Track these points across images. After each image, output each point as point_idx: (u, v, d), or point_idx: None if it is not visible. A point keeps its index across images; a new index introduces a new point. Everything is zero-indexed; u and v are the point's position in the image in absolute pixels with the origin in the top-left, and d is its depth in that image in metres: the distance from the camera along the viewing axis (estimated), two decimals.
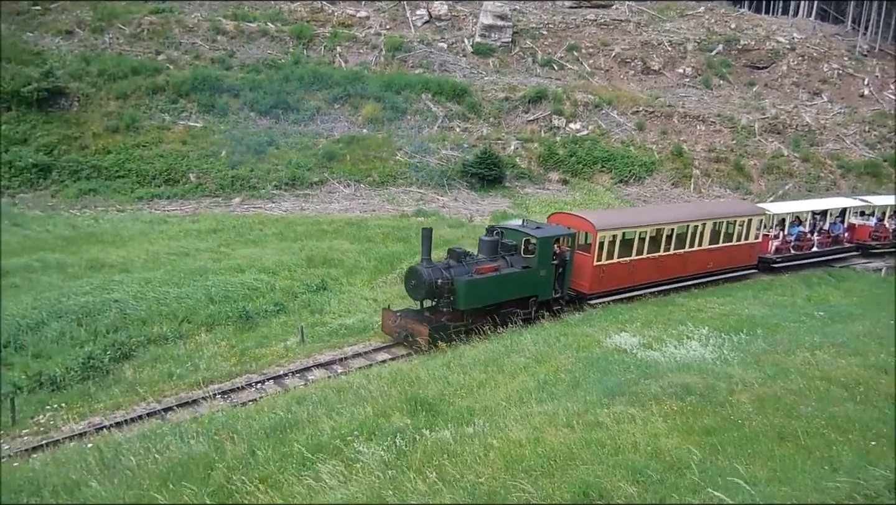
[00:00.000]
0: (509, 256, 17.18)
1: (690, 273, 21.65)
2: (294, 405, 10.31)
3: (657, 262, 20.45)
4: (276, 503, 7.07)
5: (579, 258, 18.73)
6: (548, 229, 18.09)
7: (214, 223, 28.96)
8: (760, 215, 23.62)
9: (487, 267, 16.54)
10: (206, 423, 9.94)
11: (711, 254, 22.03)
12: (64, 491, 7.98)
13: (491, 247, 17.20)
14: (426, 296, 15.88)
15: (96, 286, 19.05)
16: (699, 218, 21.66)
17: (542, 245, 17.18)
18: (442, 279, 15.63)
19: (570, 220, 19.57)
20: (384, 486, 7.07)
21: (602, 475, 6.95)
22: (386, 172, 38.70)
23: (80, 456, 9.04)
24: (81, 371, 14.27)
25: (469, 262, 16.54)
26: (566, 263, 18.16)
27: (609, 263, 19.11)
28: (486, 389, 10.92)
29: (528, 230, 17.71)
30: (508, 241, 17.44)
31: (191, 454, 8.67)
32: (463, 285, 15.76)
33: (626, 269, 19.64)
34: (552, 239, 17.62)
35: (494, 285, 16.50)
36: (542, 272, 17.42)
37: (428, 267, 15.83)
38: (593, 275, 18.77)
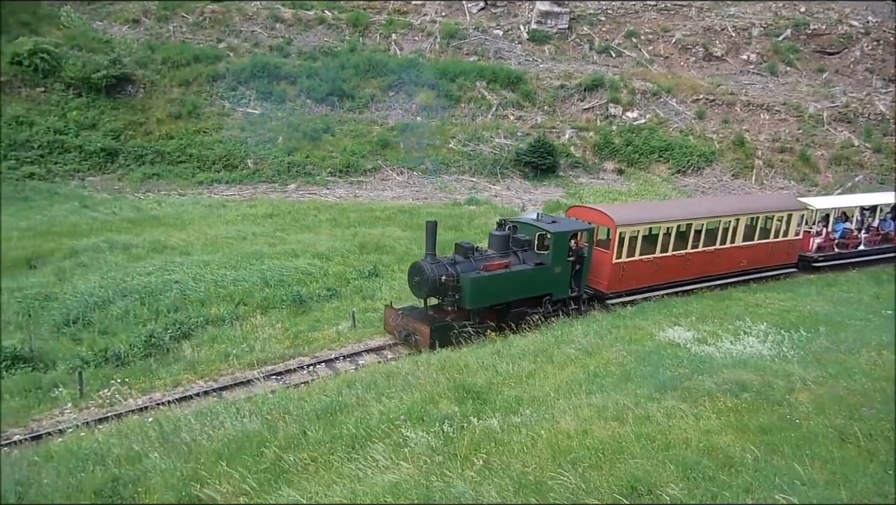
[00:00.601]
0: (522, 251, 16.19)
1: (722, 272, 20.33)
2: (344, 389, 10.48)
3: (685, 259, 19.20)
4: (277, 503, 7.07)
5: (598, 255, 17.71)
6: (564, 224, 16.99)
7: (270, 208, 29.59)
8: (801, 210, 22.11)
9: (496, 263, 15.55)
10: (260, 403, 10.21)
11: (745, 251, 20.64)
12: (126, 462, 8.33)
13: (501, 242, 16.17)
14: (429, 294, 15.00)
15: (158, 267, 19.74)
16: (732, 212, 20.35)
17: (556, 240, 16.15)
18: (446, 276, 14.73)
19: (589, 214, 18.46)
20: (431, 471, 7.13)
21: (651, 470, 6.84)
22: (439, 160, 38.77)
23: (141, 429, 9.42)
24: (144, 348, 14.85)
25: (477, 257, 15.55)
26: (584, 259, 17.11)
27: (630, 260, 17.98)
28: (535, 379, 10.87)
29: (543, 224, 16.58)
30: (521, 236, 16.46)
31: (245, 432, 8.92)
32: (469, 283, 14.84)
33: (650, 267, 18.47)
34: (568, 234, 16.57)
35: (504, 283, 15.52)
36: (557, 269, 16.38)
37: (432, 263, 14.91)
38: (612, 273, 17.70)
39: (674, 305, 17.14)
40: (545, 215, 17.52)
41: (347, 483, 7.11)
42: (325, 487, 7.16)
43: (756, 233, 21.07)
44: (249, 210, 29.28)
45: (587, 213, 18.60)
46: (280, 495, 6.94)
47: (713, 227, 19.95)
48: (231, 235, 24.42)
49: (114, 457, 8.42)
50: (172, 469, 7.91)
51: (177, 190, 32.86)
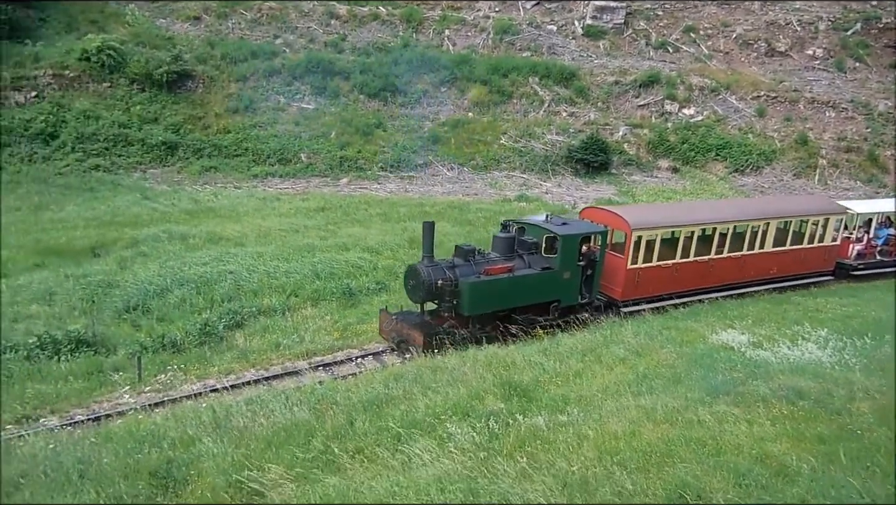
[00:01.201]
0: (528, 255, 15.27)
1: (749, 279, 19.10)
2: (391, 381, 10.57)
3: (707, 266, 18.05)
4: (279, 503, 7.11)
5: (612, 260, 16.72)
6: (575, 226, 15.90)
7: (323, 202, 30.07)
8: (839, 214, 20.69)
9: (499, 267, 14.63)
10: (309, 393, 10.38)
11: (775, 257, 19.37)
12: (180, 444, 8.60)
13: (506, 244, 15.24)
14: (425, 298, 14.24)
15: (214, 258, 20.29)
16: (762, 216, 18.97)
17: (565, 243, 15.07)
18: (443, 280, 13.90)
19: (604, 216, 17.47)
20: (475, 466, 7.13)
21: (700, 475, 6.68)
22: (490, 156, 38.67)
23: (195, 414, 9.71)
24: (199, 336, 15.30)
25: (478, 261, 14.69)
26: (596, 264, 16.08)
27: (647, 266, 16.87)
28: (583, 378, 10.75)
29: (551, 226, 15.48)
30: (528, 239, 15.54)
31: (293, 421, 9.10)
32: (468, 288, 13.93)
33: (669, 273, 17.36)
34: (578, 237, 15.45)
35: (506, 289, 14.54)
36: (566, 274, 15.33)
37: (429, 266, 14.11)
38: (627, 279, 16.69)
39: (728, 308, 16.68)
40: (555, 216, 16.41)
41: (392, 475, 7.17)
42: (370, 477, 7.24)
43: (788, 238, 19.74)
44: (302, 203, 29.80)
45: (602, 214, 17.67)
46: (326, 484, 7.05)
47: (740, 232, 18.77)
48: (284, 228, 24.92)
49: (169, 440, 8.71)
50: (224, 454, 8.13)
51: (233, 183, 33.72)
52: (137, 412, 11.06)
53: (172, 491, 7.36)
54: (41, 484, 7.31)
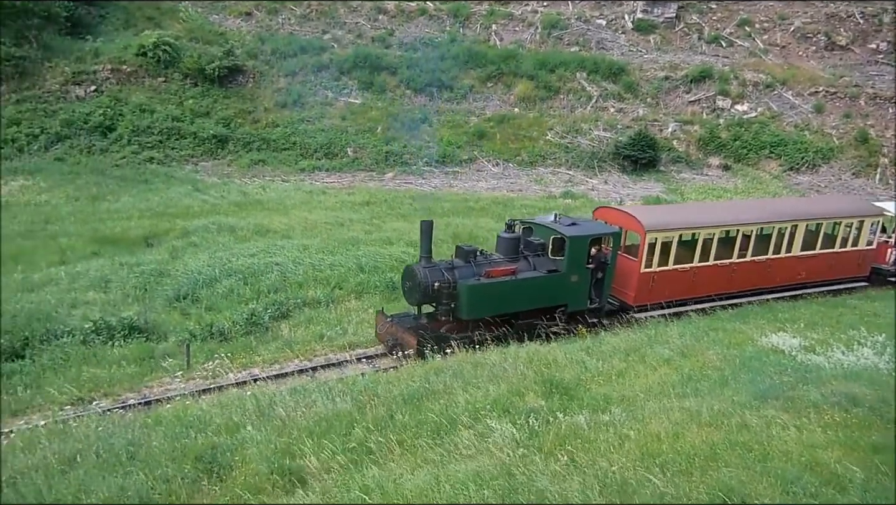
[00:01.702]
0: (534, 256, 14.56)
1: (775, 285, 18.03)
2: (432, 376, 10.60)
3: (729, 270, 17.07)
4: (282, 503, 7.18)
5: (624, 263, 15.94)
6: (584, 227, 15.01)
7: (368, 196, 30.34)
8: (875, 216, 19.38)
9: (501, 270, 13.92)
10: (351, 384, 10.50)
11: (804, 262, 18.26)
12: (226, 431, 8.81)
13: (510, 245, 14.51)
14: (422, 301, 13.65)
15: (261, 249, 20.68)
16: (790, 217, 17.82)
17: (573, 245, 14.27)
18: (440, 282, 13.27)
19: (616, 216, 16.67)
20: (514, 463, 7.10)
21: (746, 480, 6.51)
22: (535, 152, 38.39)
23: (240, 401, 9.93)
24: (245, 326, 15.60)
25: (479, 262, 14.05)
26: (606, 267, 15.22)
27: (662, 270, 16.04)
28: (625, 378, 10.59)
29: (559, 227, 14.65)
30: (534, 240, 14.79)
31: (335, 411, 9.21)
32: (466, 291, 13.32)
33: (686, 277, 16.45)
34: (587, 239, 14.61)
35: (507, 292, 13.81)
36: (574, 277, 14.52)
37: (426, 267, 13.50)
38: (640, 283, 15.88)
39: (779, 310, 16.18)
40: (564, 216, 15.55)
41: (431, 468, 7.19)
42: (409, 469, 7.28)
43: (819, 241, 18.50)
44: (348, 197, 30.14)
45: (614, 215, 16.83)
46: (365, 475, 7.12)
47: (767, 234, 17.75)
48: (329, 221, 25.23)
49: (214, 426, 8.92)
50: (267, 441, 8.28)
51: (280, 176, 34.31)
52: (185, 398, 11.36)
53: (217, 475, 7.54)
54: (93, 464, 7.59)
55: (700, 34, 46.60)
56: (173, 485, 7.23)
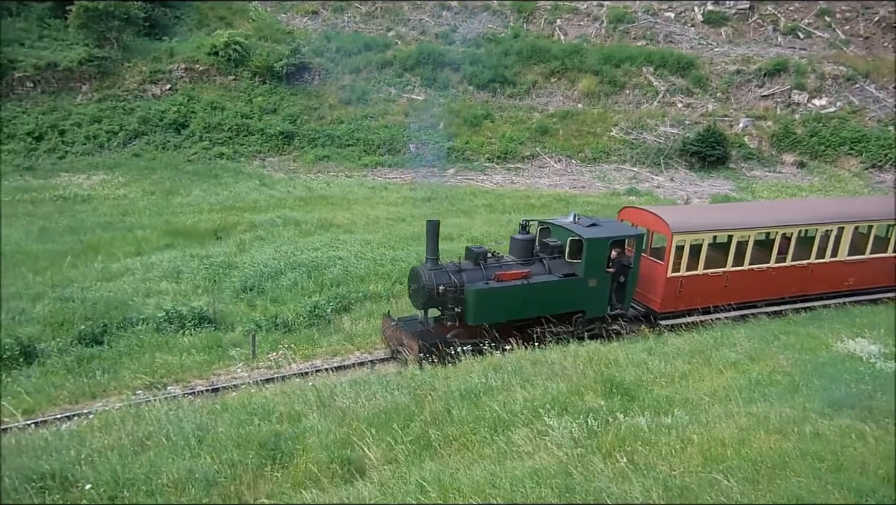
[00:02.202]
0: (550, 259, 13.81)
1: (819, 292, 16.81)
2: (490, 372, 10.58)
3: (766, 276, 15.92)
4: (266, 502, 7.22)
5: (650, 266, 15.10)
6: (605, 228, 14.14)
7: (429, 192, 30.52)
8: None
9: (512, 273, 13.17)
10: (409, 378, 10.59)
11: (852, 267, 16.91)
12: (288, 419, 9.04)
13: (523, 247, 13.78)
14: (426, 304, 12.99)
15: (325, 243, 21.10)
16: (836, 219, 16.46)
17: (591, 248, 13.48)
18: (445, 285, 12.64)
19: (642, 216, 15.75)
20: (572, 462, 7.01)
21: (816, 491, 6.23)
22: (599, 149, 37.76)
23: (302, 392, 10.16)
24: (308, 318, 15.96)
25: (490, 265, 13.36)
26: (628, 270, 14.29)
27: (691, 274, 15.07)
28: (689, 380, 10.30)
29: (577, 228, 13.82)
30: (550, 241, 14.05)
31: (394, 404, 9.32)
32: (473, 295, 12.69)
33: (718, 283, 15.44)
34: (607, 241, 13.75)
35: (519, 297, 13.08)
36: (592, 282, 13.72)
37: (432, 269, 12.88)
38: (667, 289, 14.95)
39: (856, 314, 15.40)
40: (584, 217, 14.72)
41: (487, 464, 7.19)
42: (466, 465, 7.29)
43: (869, 245, 17.12)
44: (409, 193, 30.40)
45: (640, 215, 15.93)
46: (423, 468, 7.17)
47: (809, 236, 16.59)
48: (391, 217, 25.52)
49: (277, 414, 9.17)
50: (327, 431, 8.45)
51: (344, 172, 34.91)
52: (250, 386, 11.72)
53: (279, 463, 7.74)
54: (164, 446, 7.92)
55: (775, 25, 44.76)
56: (238, 470, 7.47)
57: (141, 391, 12.46)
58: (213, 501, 6.96)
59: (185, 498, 6.87)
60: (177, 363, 13.51)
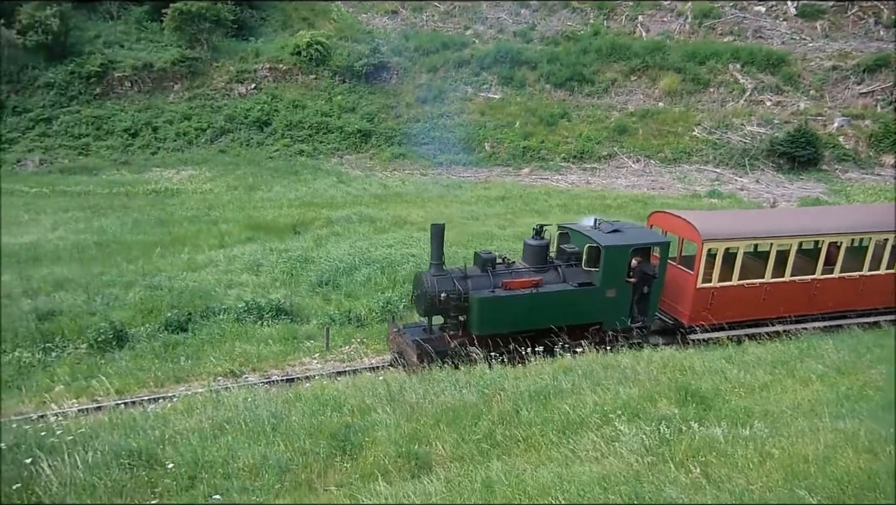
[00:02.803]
0: (566, 266, 13.02)
1: (870, 307, 15.42)
2: (560, 374, 10.44)
3: (810, 288, 14.73)
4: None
5: (677, 275, 14.14)
6: (626, 235, 13.23)
7: (503, 191, 30.44)
8: None
9: (521, 281, 12.49)
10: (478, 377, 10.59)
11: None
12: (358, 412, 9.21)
13: (537, 253, 13.01)
14: (428, 312, 12.51)
15: (398, 240, 21.39)
16: (891, 227, 15.04)
17: (610, 256, 12.66)
18: (448, 292, 12.07)
19: (672, 222, 14.73)
20: (642, 470, 6.83)
21: None
22: (680, 149, 36.61)
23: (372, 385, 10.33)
24: (380, 313, 16.23)
25: (499, 272, 12.69)
26: (652, 280, 13.37)
27: (724, 285, 14.01)
28: (770, 392, 9.83)
29: (596, 234, 13.01)
30: (567, 248, 13.29)
31: (462, 402, 9.34)
32: (477, 303, 12.08)
33: (756, 295, 14.30)
34: (627, 249, 12.90)
35: (527, 306, 12.34)
36: (611, 292, 12.91)
37: (435, 275, 12.34)
38: (697, 300, 13.94)
39: None
40: (605, 222, 13.77)
41: (555, 467, 7.10)
42: (533, 466, 7.22)
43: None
44: (483, 192, 30.41)
45: (670, 220, 14.92)
46: (489, 467, 7.15)
47: (860, 246, 15.37)
48: (465, 215, 25.60)
49: (348, 406, 9.35)
50: (396, 425, 8.56)
51: (419, 170, 35.28)
52: (323, 378, 12.01)
53: (349, 454, 7.90)
54: (241, 431, 8.22)
55: (877, 18, 42.09)
56: (309, 458, 7.67)
57: (221, 378, 13.00)
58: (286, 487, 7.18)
59: (259, 483, 7.12)
60: (254, 352, 14.02)
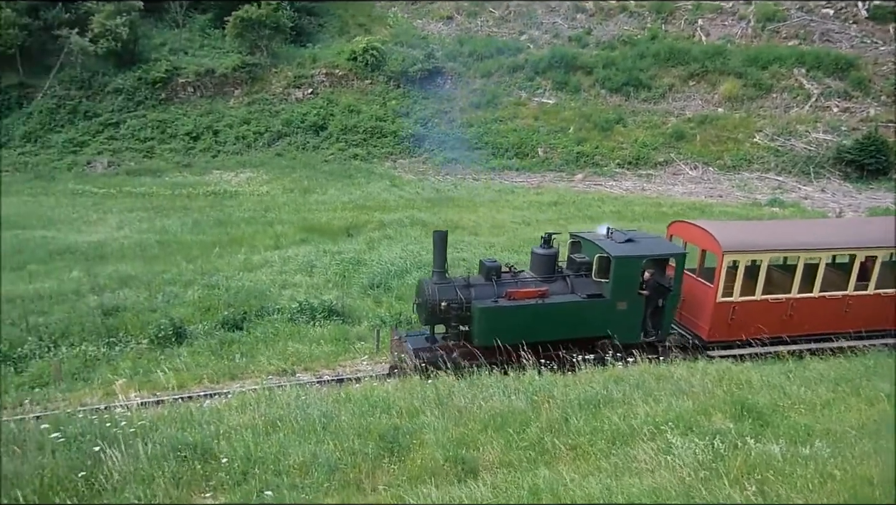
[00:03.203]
0: (576, 277, 12.57)
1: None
2: (611, 383, 10.28)
3: (842, 305, 13.70)
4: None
5: (699, 289, 13.47)
6: (640, 245, 12.65)
7: (556, 197, 30.19)
8: None
9: (525, 291, 12.08)
10: (527, 383, 10.52)
11: None
12: (407, 414, 9.27)
13: (544, 263, 12.54)
14: (429, 320, 12.21)
15: (449, 245, 21.36)
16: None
17: (620, 267, 12.12)
18: (448, 301, 11.77)
19: (692, 232, 14.06)
20: (694, 485, 6.66)
21: None
22: (740, 156, 35.62)
23: (421, 389, 10.37)
24: None
25: (503, 281, 12.29)
26: (666, 293, 12.72)
27: (746, 300, 13.18)
28: (833, 410, 9.43)
29: (606, 244, 12.49)
30: (577, 257, 12.86)
31: (511, 408, 9.29)
32: (478, 313, 11.74)
33: (780, 311, 13.40)
34: (639, 260, 12.37)
35: (532, 317, 11.93)
36: (621, 305, 12.37)
37: (438, 283, 12.06)
38: (717, 315, 13.22)
39: None
40: (619, 231, 13.15)
41: (604, 477, 6.98)
42: (581, 475, 7.13)
43: None
44: (536, 197, 30.24)
45: (690, 230, 14.17)
46: (536, 474, 7.10)
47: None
48: (516, 221, 25.51)
49: (397, 408, 9.42)
50: (444, 429, 8.57)
51: (471, 174, 35.32)
52: (372, 379, 12.13)
53: (396, 455, 7.96)
54: (292, 429, 8.38)
55: None
56: (358, 458, 7.75)
57: (273, 376, 13.28)
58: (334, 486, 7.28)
59: (308, 481, 7.23)
60: (306, 352, 14.27)
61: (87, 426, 7.76)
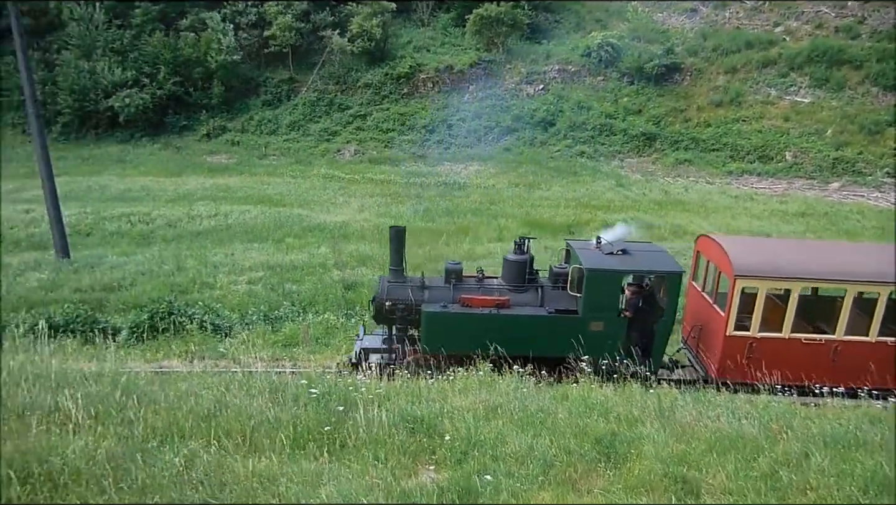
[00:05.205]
0: (553, 288, 11.46)
1: None
2: (865, 423, 9.04)
3: (891, 351, 10.75)
4: None
5: (711, 316, 11.63)
6: (628, 259, 11.28)
7: (804, 207, 27.22)
8: None
9: (481, 299, 11.19)
10: (761, 407, 9.68)
11: None
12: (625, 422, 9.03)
13: (514, 270, 11.54)
14: (376, 318, 11.73)
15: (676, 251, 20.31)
16: None
17: (592, 281, 10.85)
18: (394, 301, 11.25)
19: (712, 249, 11.97)
20: None
21: None
22: None
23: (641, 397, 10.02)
24: None
25: (464, 285, 11.53)
26: (656, 316, 11.20)
27: (769, 336, 10.96)
28: None
29: (587, 254, 11.32)
30: (556, 267, 11.84)
31: (739, 432, 8.62)
32: (424, 318, 11.08)
33: (820, 354, 10.90)
34: (616, 275, 11.08)
35: (486, 328, 10.88)
36: (596, 325, 10.99)
37: (392, 281, 11.55)
38: (726, 350, 11.09)
39: None
40: (618, 242, 11.88)
41: None
42: None
43: None
44: (779, 206, 27.55)
45: (711, 247, 12.10)
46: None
47: None
48: (754, 230, 23.46)
49: (615, 414, 9.22)
50: (664, 443, 8.20)
51: (705, 177, 33.14)
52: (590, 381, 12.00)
53: (613, 462, 7.79)
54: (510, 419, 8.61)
55: None
56: (573, 458, 7.73)
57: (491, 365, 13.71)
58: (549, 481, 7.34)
59: (524, 471, 7.38)
60: None
61: (332, 387, 8.70)
